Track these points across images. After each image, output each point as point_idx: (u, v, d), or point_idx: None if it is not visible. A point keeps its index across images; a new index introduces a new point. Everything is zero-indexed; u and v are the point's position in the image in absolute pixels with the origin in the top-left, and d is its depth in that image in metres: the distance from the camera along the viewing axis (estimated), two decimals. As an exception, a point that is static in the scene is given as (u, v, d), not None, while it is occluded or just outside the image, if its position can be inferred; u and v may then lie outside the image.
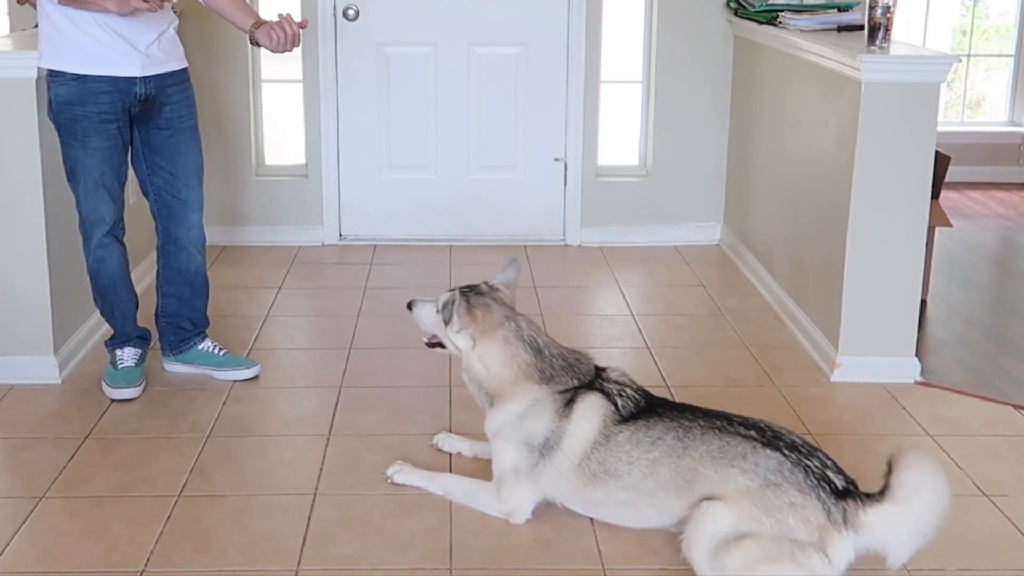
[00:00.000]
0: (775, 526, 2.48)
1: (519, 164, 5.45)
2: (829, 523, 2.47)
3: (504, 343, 2.87)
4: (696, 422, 2.70)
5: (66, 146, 3.47)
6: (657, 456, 2.69)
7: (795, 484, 2.51)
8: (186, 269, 3.73)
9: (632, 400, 2.80)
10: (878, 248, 3.77)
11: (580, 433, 2.77)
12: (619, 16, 5.51)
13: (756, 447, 2.59)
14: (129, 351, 3.68)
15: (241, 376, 3.80)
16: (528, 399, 2.84)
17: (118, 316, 3.69)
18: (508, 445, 2.87)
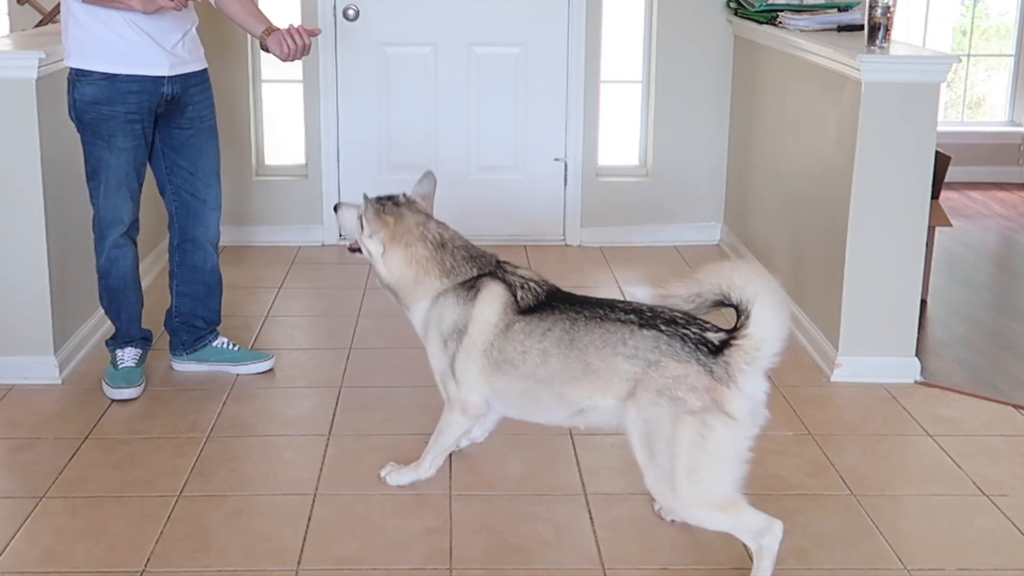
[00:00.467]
0: (669, 403, 2.55)
1: (519, 164, 5.45)
2: (715, 382, 2.53)
3: (406, 246, 2.94)
4: (582, 313, 2.75)
5: (89, 145, 3.46)
6: (547, 347, 2.75)
7: (673, 356, 2.57)
8: (202, 267, 3.75)
9: (532, 292, 2.85)
10: (878, 248, 3.77)
11: (482, 318, 2.84)
12: (619, 16, 5.51)
13: (634, 330, 2.64)
14: (130, 351, 3.67)
15: (259, 369, 3.83)
16: (431, 295, 2.92)
17: (124, 317, 3.68)
18: (432, 347, 2.96)
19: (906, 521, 2.98)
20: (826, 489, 3.10)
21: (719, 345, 2.55)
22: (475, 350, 2.85)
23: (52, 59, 3.63)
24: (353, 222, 3.03)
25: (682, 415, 2.54)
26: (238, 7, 3.56)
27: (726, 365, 2.53)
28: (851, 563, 2.74)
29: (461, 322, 2.87)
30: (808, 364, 3.99)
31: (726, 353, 2.54)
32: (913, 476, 3.26)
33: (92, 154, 3.48)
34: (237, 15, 3.57)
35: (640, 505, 3.01)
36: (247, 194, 5.40)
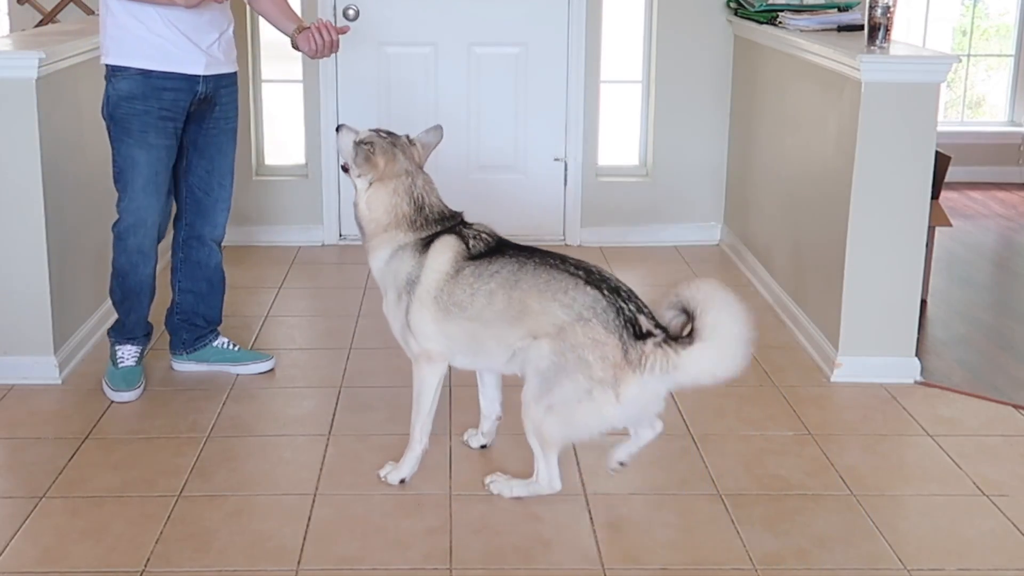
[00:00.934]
0: (576, 361, 2.73)
1: (519, 164, 5.46)
2: (625, 362, 2.70)
3: (393, 193, 3.01)
4: (532, 259, 2.88)
5: (119, 143, 3.44)
6: (493, 288, 2.87)
7: (603, 322, 2.73)
8: (207, 264, 3.75)
9: (483, 242, 2.97)
10: (878, 248, 3.77)
11: (434, 265, 2.94)
12: (619, 16, 5.50)
13: (579, 284, 2.79)
14: (131, 348, 3.67)
15: (260, 369, 3.83)
16: (393, 245, 3.01)
17: (134, 317, 3.67)
18: (389, 302, 3.04)
19: (906, 521, 2.98)
20: (826, 489, 3.10)
21: (645, 332, 2.72)
22: (427, 297, 2.95)
23: (52, 59, 3.63)
24: (349, 148, 3.09)
25: (579, 376, 2.73)
26: (271, 5, 3.59)
27: (642, 354, 2.70)
28: (851, 563, 2.75)
29: (414, 274, 2.97)
30: (808, 364, 3.99)
31: (649, 343, 2.70)
32: (913, 476, 3.26)
33: (120, 153, 3.45)
34: (270, 13, 3.60)
35: (640, 505, 3.01)
36: (247, 194, 5.39)
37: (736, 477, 3.15)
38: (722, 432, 3.44)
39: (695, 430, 3.44)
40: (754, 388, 3.79)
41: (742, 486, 3.10)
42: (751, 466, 3.23)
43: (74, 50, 3.83)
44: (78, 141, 3.92)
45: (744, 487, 3.10)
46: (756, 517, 2.94)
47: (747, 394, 3.73)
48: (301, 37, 3.49)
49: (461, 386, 3.67)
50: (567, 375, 2.76)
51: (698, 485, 3.11)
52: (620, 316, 2.74)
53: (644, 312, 2.78)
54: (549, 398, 2.81)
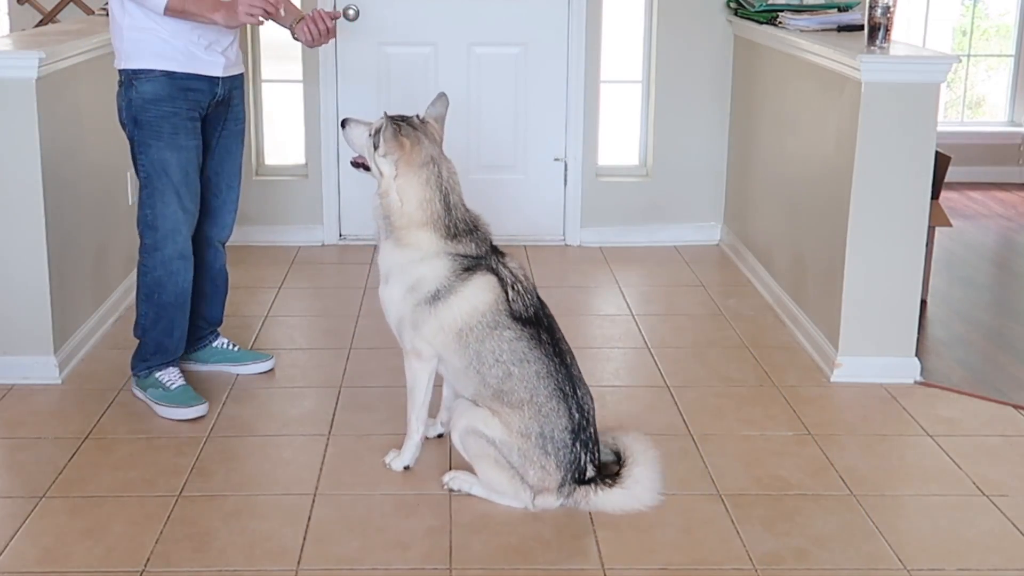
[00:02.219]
0: (519, 462, 2.91)
1: (519, 164, 5.46)
2: (556, 492, 2.92)
3: (425, 184, 3.00)
4: (557, 375, 2.95)
5: (146, 147, 3.39)
6: (514, 372, 2.93)
7: (557, 461, 2.91)
8: (211, 265, 3.73)
9: (523, 300, 3.01)
10: (878, 248, 3.77)
11: (471, 299, 2.96)
12: (619, 16, 5.50)
13: (567, 427, 2.92)
14: (174, 371, 3.56)
15: (260, 369, 3.83)
16: (427, 250, 2.99)
17: (177, 335, 3.57)
18: (395, 291, 3.04)
19: (906, 521, 2.98)
20: (826, 489, 3.10)
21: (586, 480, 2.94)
22: (451, 325, 2.97)
23: (52, 59, 3.63)
24: (363, 139, 3.08)
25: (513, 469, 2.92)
26: None
27: (573, 491, 2.92)
28: (851, 563, 2.74)
29: (442, 292, 2.98)
30: (808, 364, 3.99)
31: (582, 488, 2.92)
32: (913, 476, 3.26)
33: (148, 156, 3.39)
34: None
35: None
36: (247, 194, 5.35)
37: (736, 477, 3.15)
38: (722, 432, 3.44)
39: (695, 430, 3.44)
40: (754, 388, 3.79)
41: (742, 486, 3.10)
42: (751, 466, 3.23)
43: (74, 50, 3.83)
44: (78, 141, 3.92)
45: (744, 487, 3.10)
46: (756, 517, 2.94)
47: (747, 394, 3.73)
48: (299, 27, 3.48)
49: (461, 386, 3.67)
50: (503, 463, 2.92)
51: (698, 485, 3.11)
52: (575, 464, 2.93)
53: (594, 461, 2.98)
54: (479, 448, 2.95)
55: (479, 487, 3.02)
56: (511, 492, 2.95)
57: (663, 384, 3.80)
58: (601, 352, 4.12)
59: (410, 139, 3.00)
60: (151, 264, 3.48)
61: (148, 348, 3.56)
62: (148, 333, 3.56)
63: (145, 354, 3.57)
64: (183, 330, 3.60)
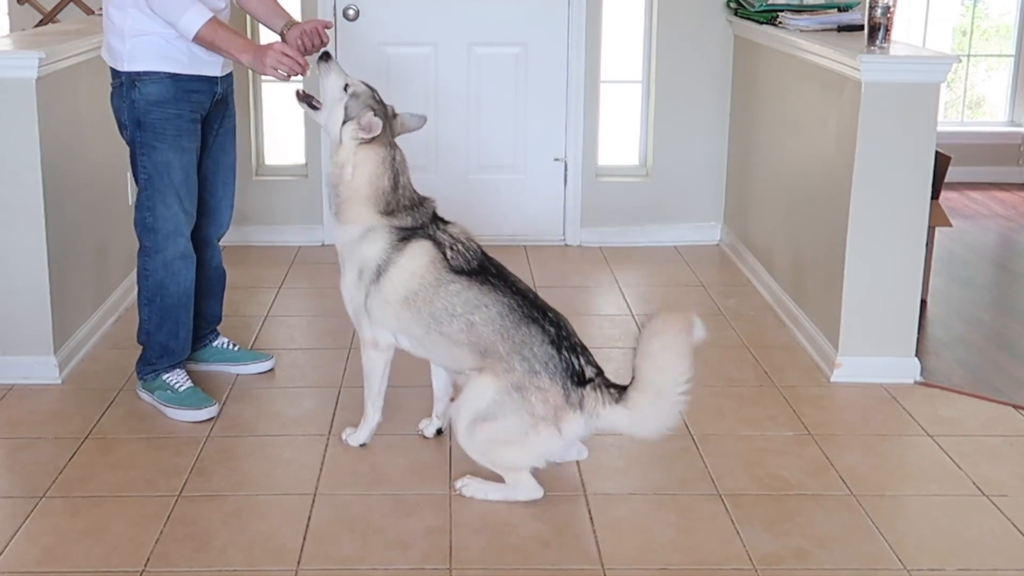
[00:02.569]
0: (520, 400, 2.89)
1: (519, 164, 5.46)
2: (566, 404, 2.89)
3: (381, 162, 3.09)
4: (521, 309, 2.97)
5: (149, 149, 3.37)
6: (476, 320, 2.97)
7: (550, 374, 2.90)
8: (208, 263, 3.73)
9: (463, 256, 3.06)
10: (878, 248, 3.77)
11: (408, 265, 3.03)
12: (619, 16, 5.50)
13: (544, 341, 2.93)
14: (181, 372, 3.56)
15: (259, 369, 3.83)
16: (365, 223, 3.07)
17: (183, 336, 3.56)
18: (348, 278, 3.12)
19: (906, 521, 2.98)
20: (826, 489, 3.10)
21: (587, 379, 2.91)
22: (395, 296, 3.04)
23: (52, 59, 3.63)
24: (336, 92, 3.15)
25: (523, 413, 2.89)
26: (259, 5, 3.56)
27: (582, 396, 2.89)
28: (851, 563, 2.75)
29: (383, 265, 3.05)
30: (808, 364, 3.99)
31: (588, 388, 2.89)
32: (913, 476, 3.26)
33: (151, 159, 3.38)
34: (258, 12, 3.58)
35: (640, 505, 3.01)
36: (247, 194, 5.39)
37: (736, 477, 3.15)
38: (722, 432, 3.44)
39: (695, 430, 3.44)
40: (754, 388, 3.79)
41: (742, 486, 3.11)
42: (751, 466, 3.23)
43: (74, 50, 3.83)
44: (78, 141, 3.92)
45: (744, 487, 3.10)
46: (756, 517, 2.94)
47: (747, 394, 3.73)
48: (290, 34, 3.47)
49: (461, 386, 3.67)
50: (510, 412, 2.90)
51: (698, 485, 3.11)
52: (568, 370, 2.92)
53: (591, 362, 2.97)
54: (489, 430, 2.93)
55: (495, 491, 3.00)
56: (539, 445, 2.90)
57: (663, 384, 3.80)
58: (601, 352, 4.11)
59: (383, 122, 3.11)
60: (152, 267, 3.47)
61: (154, 352, 3.55)
62: (153, 337, 3.54)
63: (151, 358, 3.56)
64: (188, 330, 3.59)
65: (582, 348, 2.99)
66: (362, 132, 3.07)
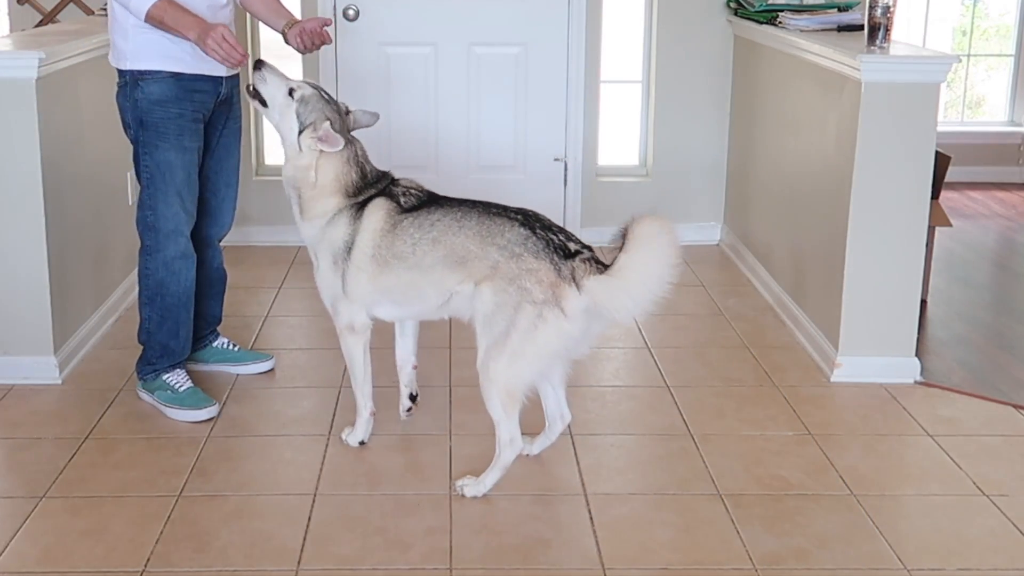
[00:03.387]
0: (517, 292, 2.88)
1: (519, 164, 5.46)
2: (559, 279, 2.87)
3: (346, 162, 3.12)
4: (475, 208, 3.03)
5: (151, 148, 3.38)
6: (436, 235, 3.01)
7: (534, 253, 2.90)
8: (210, 264, 3.73)
9: (414, 197, 3.10)
10: (878, 248, 3.77)
11: (368, 226, 3.06)
12: (619, 16, 5.51)
13: (514, 226, 2.95)
14: (181, 372, 3.56)
15: (259, 369, 3.84)
16: (330, 211, 3.11)
17: (183, 335, 3.56)
18: (324, 267, 3.15)
19: (906, 521, 2.98)
20: (826, 489, 3.10)
21: (573, 252, 2.90)
22: (364, 258, 3.06)
23: (52, 59, 3.63)
24: (278, 97, 3.18)
25: (524, 304, 2.87)
26: (261, 4, 3.56)
27: (572, 269, 2.87)
28: (851, 563, 2.75)
29: (350, 238, 3.08)
30: (808, 364, 3.99)
31: (577, 259, 2.88)
32: (913, 476, 3.26)
33: (153, 158, 3.39)
34: (259, 11, 3.58)
35: (640, 505, 3.01)
36: (247, 194, 5.37)
37: (736, 477, 3.15)
38: (722, 432, 3.44)
39: (695, 430, 3.44)
40: (754, 388, 3.79)
41: (742, 486, 3.11)
42: (751, 466, 3.23)
43: (74, 50, 3.83)
44: (78, 141, 3.92)
45: (744, 487, 3.10)
46: (756, 517, 2.94)
47: (747, 394, 3.73)
48: (291, 33, 3.47)
49: (462, 386, 3.67)
50: (514, 309, 2.88)
51: (698, 485, 3.11)
52: (549, 246, 2.91)
53: (572, 239, 2.96)
54: (508, 344, 2.89)
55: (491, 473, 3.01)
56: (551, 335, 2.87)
57: (663, 384, 3.80)
58: (601, 352, 4.12)
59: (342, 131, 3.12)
60: (153, 266, 3.47)
61: (154, 351, 3.55)
62: (153, 336, 3.54)
63: (151, 357, 3.56)
64: (189, 330, 3.59)
65: (559, 228, 3.00)
66: (322, 145, 3.08)
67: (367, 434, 3.29)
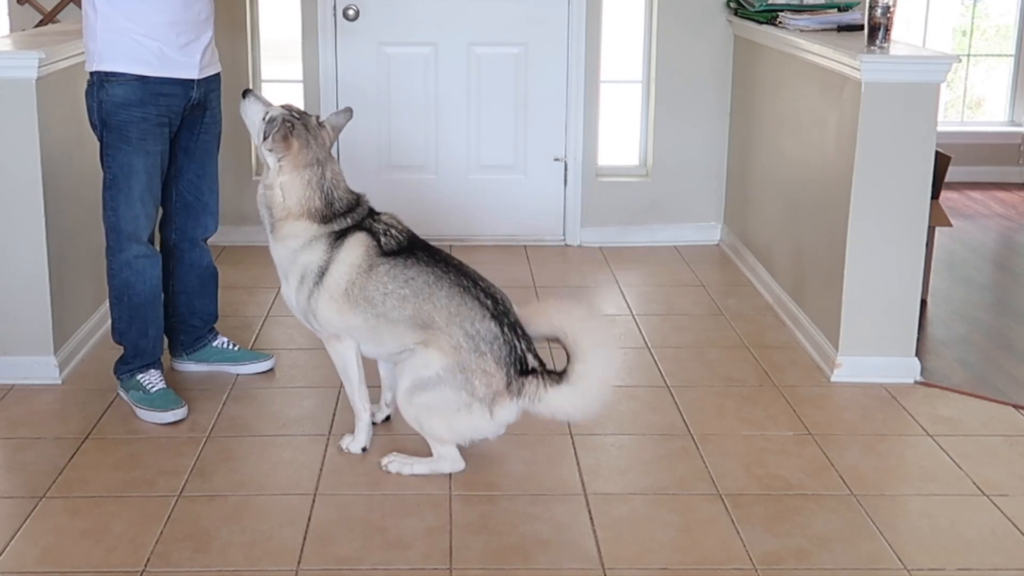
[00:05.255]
0: (463, 380, 2.97)
1: (519, 164, 5.46)
2: (506, 391, 2.98)
3: (307, 184, 3.10)
4: (448, 275, 3.05)
5: (114, 150, 3.38)
6: (407, 294, 3.04)
7: (496, 358, 2.98)
8: (199, 264, 3.74)
9: (395, 239, 3.11)
10: (878, 248, 3.77)
11: (346, 259, 3.07)
12: (619, 16, 5.51)
13: (486, 317, 3.00)
14: (155, 373, 3.55)
15: (259, 369, 3.84)
16: (305, 237, 3.12)
17: (152, 335, 3.56)
18: (292, 284, 3.18)
19: (906, 521, 2.98)
20: (826, 489, 3.10)
21: (529, 369, 2.99)
22: (337, 290, 3.08)
23: (52, 59, 3.63)
24: (256, 122, 3.16)
25: (463, 391, 2.97)
26: None
27: (522, 385, 2.98)
28: (851, 563, 2.75)
29: (324, 266, 3.09)
30: (808, 364, 3.99)
31: (529, 378, 2.98)
32: (913, 476, 3.26)
33: (116, 160, 3.38)
34: None
35: (640, 505, 3.01)
36: (247, 194, 5.37)
37: (736, 477, 3.15)
38: (722, 432, 3.44)
39: (695, 430, 3.44)
40: (754, 388, 3.79)
41: (742, 486, 3.11)
42: (751, 466, 3.23)
43: (74, 50, 3.83)
44: (78, 141, 3.91)
45: (744, 487, 3.10)
46: (756, 517, 2.94)
47: (747, 394, 3.73)
48: None
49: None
50: (452, 389, 2.98)
51: (698, 485, 3.11)
52: (512, 354, 2.99)
53: (532, 350, 3.03)
54: (427, 399, 3.01)
55: (421, 465, 3.10)
56: (471, 424, 3.01)
57: (663, 384, 3.80)
58: (601, 352, 4.12)
59: (299, 141, 3.09)
60: (117, 266, 3.48)
61: (128, 352, 3.57)
62: (125, 336, 3.55)
63: (127, 357, 3.57)
64: (158, 329, 3.59)
65: (522, 330, 3.04)
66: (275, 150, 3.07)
67: (368, 439, 3.27)
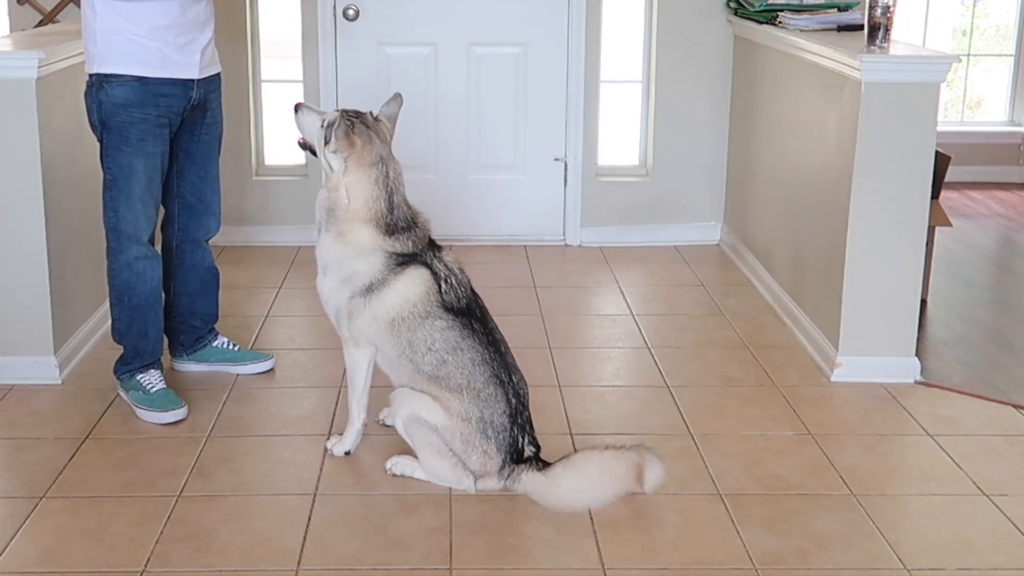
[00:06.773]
0: (461, 446, 2.99)
1: (519, 164, 5.46)
2: (496, 473, 3.00)
3: (374, 183, 3.05)
4: (491, 363, 3.02)
5: (114, 151, 3.37)
6: (448, 360, 3.01)
7: (498, 445, 2.99)
8: (200, 265, 3.74)
9: (455, 292, 3.07)
10: (878, 248, 3.77)
11: (403, 292, 3.03)
12: (619, 16, 5.51)
13: (506, 411, 3.00)
14: (154, 373, 3.55)
15: (259, 369, 3.84)
16: (365, 246, 3.06)
17: (152, 336, 3.56)
18: (331, 282, 3.14)
19: (906, 521, 2.98)
20: (826, 489, 3.10)
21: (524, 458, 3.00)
22: (383, 316, 3.04)
23: (52, 59, 3.63)
24: (315, 129, 3.12)
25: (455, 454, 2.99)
26: None
27: (512, 471, 2.99)
28: (851, 563, 2.75)
29: (376, 285, 3.05)
30: (808, 364, 3.99)
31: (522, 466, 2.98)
32: (913, 476, 3.26)
33: (116, 161, 3.38)
34: None
35: (640, 505, 3.01)
36: (247, 194, 5.39)
37: (736, 477, 3.15)
38: (722, 432, 3.44)
39: (695, 430, 3.44)
40: (754, 388, 3.79)
41: (742, 486, 3.11)
42: (751, 466, 3.23)
43: (74, 50, 3.83)
44: (78, 141, 3.92)
45: (744, 487, 3.10)
46: (756, 517, 2.94)
47: (747, 394, 3.73)
48: None
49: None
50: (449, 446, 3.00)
51: (698, 485, 3.11)
52: (514, 445, 3.00)
53: (534, 442, 3.05)
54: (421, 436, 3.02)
55: (421, 471, 3.09)
56: (453, 480, 3.03)
57: (663, 384, 3.80)
58: (601, 352, 4.13)
59: (362, 138, 3.04)
60: (117, 267, 3.48)
61: (128, 352, 3.57)
62: (125, 337, 3.55)
63: (127, 358, 3.57)
64: (158, 330, 3.59)
65: (530, 426, 3.07)
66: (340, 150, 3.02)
67: (355, 445, 3.25)
